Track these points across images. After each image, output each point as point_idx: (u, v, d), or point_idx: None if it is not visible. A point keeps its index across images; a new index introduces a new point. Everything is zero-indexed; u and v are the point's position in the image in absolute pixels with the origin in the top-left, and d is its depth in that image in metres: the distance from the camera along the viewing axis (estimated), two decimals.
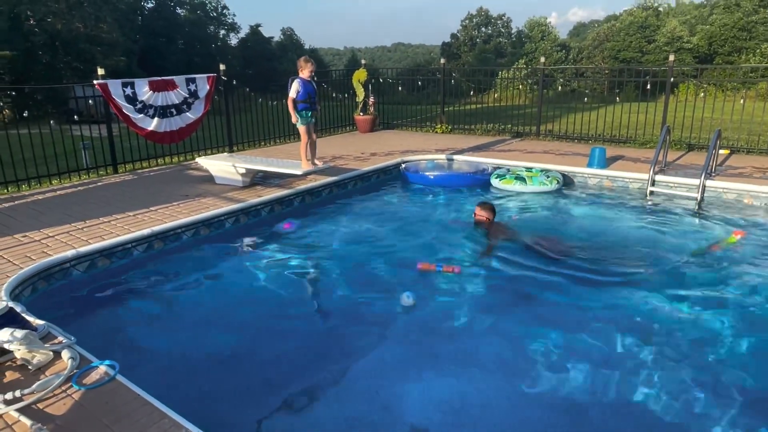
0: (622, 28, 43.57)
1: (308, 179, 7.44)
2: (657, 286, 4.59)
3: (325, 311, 4.51)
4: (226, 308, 4.55)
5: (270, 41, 45.23)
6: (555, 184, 7.48)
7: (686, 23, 45.08)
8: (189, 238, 5.79)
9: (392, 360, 3.68)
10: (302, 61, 7.01)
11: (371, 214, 6.80)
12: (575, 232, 6.12)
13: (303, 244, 5.83)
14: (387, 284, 4.83)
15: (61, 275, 4.80)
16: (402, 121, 13.03)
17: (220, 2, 44.60)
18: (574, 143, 10.33)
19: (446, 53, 46.23)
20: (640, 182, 7.45)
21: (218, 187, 7.19)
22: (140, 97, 8.18)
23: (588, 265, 5.02)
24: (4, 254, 4.91)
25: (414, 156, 8.97)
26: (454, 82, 13.56)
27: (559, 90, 17.81)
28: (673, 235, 5.92)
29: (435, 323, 4.14)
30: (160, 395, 2.85)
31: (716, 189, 7.01)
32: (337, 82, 13.08)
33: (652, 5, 47.09)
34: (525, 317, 4.24)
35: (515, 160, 8.52)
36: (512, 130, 11.53)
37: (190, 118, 8.89)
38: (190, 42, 39.00)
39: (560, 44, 51.42)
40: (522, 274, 4.88)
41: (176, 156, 9.32)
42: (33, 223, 5.81)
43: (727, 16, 39.03)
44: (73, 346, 3.29)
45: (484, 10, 56.31)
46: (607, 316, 4.14)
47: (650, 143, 9.70)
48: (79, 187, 7.47)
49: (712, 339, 3.82)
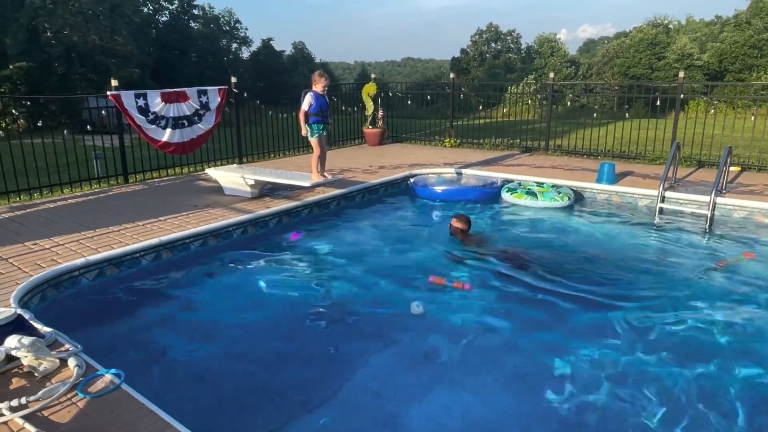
0: (631, 45, 43.65)
1: (316, 191, 7.47)
2: (664, 303, 4.54)
3: (331, 322, 4.49)
4: (233, 319, 4.55)
5: (281, 55, 45.72)
6: (566, 200, 7.45)
7: (696, 40, 45.10)
8: (197, 248, 5.82)
9: (398, 373, 3.65)
10: (317, 75, 7.08)
11: (378, 227, 6.80)
12: (581, 247, 6.08)
13: (310, 255, 5.85)
14: (393, 297, 4.81)
15: (70, 283, 4.83)
16: (411, 135, 13.08)
17: (233, 16, 45.33)
18: (583, 158, 10.31)
19: (456, 68, 46.43)
20: (649, 199, 7.40)
21: (227, 198, 7.23)
22: (152, 108, 8.28)
23: (591, 282, 4.99)
24: (14, 261, 4.95)
25: (422, 169, 8.98)
26: (464, 96, 13.60)
27: (568, 105, 17.82)
28: (682, 253, 5.87)
29: (441, 338, 4.10)
30: (165, 405, 2.85)
31: (727, 206, 6.94)
32: (346, 95, 13.18)
33: (662, 22, 47.19)
34: (527, 334, 4.19)
35: (524, 174, 8.51)
36: (521, 145, 11.53)
37: (201, 130, 8.97)
38: (202, 55, 39.52)
39: (570, 60, 51.58)
40: (525, 292, 4.83)
41: (186, 167, 9.40)
42: (43, 231, 5.86)
43: (737, 34, 39.00)
44: (80, 354, 3.30)
45: (494, 26, 56.68)
46: (612, 333, 4.09)
47: (660, 159, 9.66)
48: (90, 197, 7.54)
49: (715, 356, 3.76)
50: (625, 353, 3.78)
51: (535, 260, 5.48)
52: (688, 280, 5.12)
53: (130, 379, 3.08)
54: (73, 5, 22.44)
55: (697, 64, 39.38)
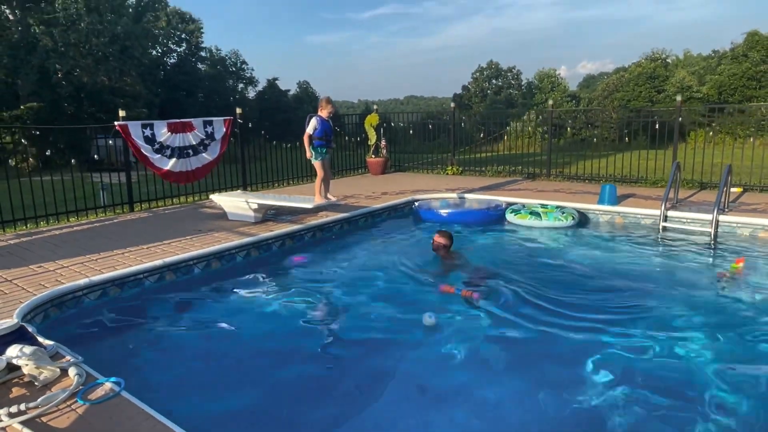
0: (631, 79, 44.28)
1: (319, 215, 7.52)
2: (669, 321, 4.48)
3: (333, 344, 4.45)
4: (234, 339, 4.53)
5: (286, 94, 46.59)
6: (570, 220, 7.46)
7: (695, 74, 45.79)
8: (200, 270, 5.84)
9: (401, 395, 3.59)
10: (324, 101, 7.25)
11: (381, 250, 6.81)
12: (585, 267, 6.05)
13: (313, 277, 5.83)
14: (397, 319, 4.76)
15: (73, 303, 4.84)
16: (413, 164, 13.22)
17: (239, 57, 46.41)
18: (584, 183, 10.36)
19: (458, 104, 46.99)
20: (652, 218, 7.40)
21: (231, 222, 7.29)
22: (158, 138, 8.44)
23: (596, 301, 4.96)
24: (18, 282, 4.98)
25: (425, 195, 9.05)
26: (465, 129, 13.78)
27: (569, 137, 18.00)
28: (687, 270, 5.83)
29: (443, 358, 4.04)
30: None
31: (730, 224, 6.93)
32: (350, 128, 13.41)
33: (660, 56, 48.03)
34: (530, 352, 4.13)
35: (527, 198, 8.54)
36: (523, 172, 11.62)
37: (206, 159, 9.12)
38: (209, 95, 40.34)
39: (570, 95, 52.28)
40: (528, 311, 4.78)
41: (191, 195, 9.51)
42: (48, 254, 5.91)
43: (735, 66, 39.58)
44: (80, 364, 3.29)
45: (494, 63, 57.79)
46: (616, 351, 4.03)
47: (661, 182, 9.70)
48: (96, 224, 7.61)
49: (723, 375, 3.69)
50: (630, 372, 3.69)
51: (537, 280, 5.45)
52: (692, 297, 5.06)
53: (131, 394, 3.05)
54: (84, 47, 23.10)
55: (696, 96, 39.83)
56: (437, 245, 6.17)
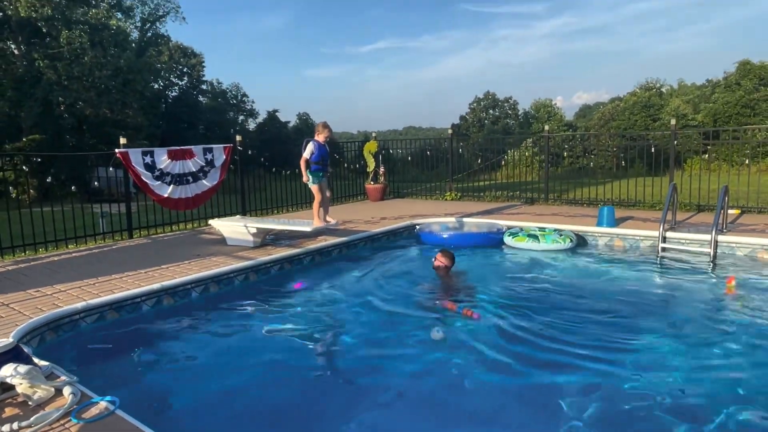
0: (626, 108, 44.86)
1: (318, 240, 7.52)
2: (671, 343, 4.44)
3: (331, 369, 4.40)
4: (231, 362, 4.47)
5: (286, 125, 47.09)
6: (568, 242, 7.46)
7: (689, 102, 46.43)
8: (198, 294, 5.81)
9: (398, 420, 3.53)
10: (320, 126, 7.33)
11: (380, 274, 6.77)
12: (584, 289, 6.04)
13: (313, 301, 5.80)
14: (396, 342, 4.72)
15: (70, 327, 4.81)
16: (412, 190, 13.29)
17: (240, 90, 47.11)
18: (583, 207, 10.40)
19: (456, 134, 47.50)
20: (650, 240, 7.40)
21: (229, 247, 7.28)
22: (159, 165, 8.50)
23: (595, 323, 4.94)
24: (15, 306, 4.95)
25: (424, 219, 9.07)
26: (464, 157, 13.90)
27: (566, 166, 18.11)
28: (688, 291, 5.81)
29: (445, 382, 3.98)
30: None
31: (729, 244, 6.93)
32: (349, 155, 13.53)
33: (654, 85, 48.76)
34: (529, 374, 4.08)
35: (525, 221, 8.56)
36: (521, 196, 11.67)
37: (206, 186, 9.16)
38: (210, 127, 40.78)
39: (567, 124, 52.85)
40: (527, 335, 4.74)
41: (191, 222, 9.52)
42: (46, 279, 5.89)
43: (729, 95, 40.16)
44: (75, 383, 3.24)
45: (491, 93, 58.62)
46: (617, 374, 3.98)
47: (659, 205, 9.73)
48: (94, 250, 7.60)
49: (726, 397, 3.64)
50: (631, 394, 3.63)
51: (533, 302, 5.44)
52: (693, 318, 5.03)
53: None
54: (87, 80, 23.45)
55: (692, 124, 40.29)
56: (439, 265, 6.18)
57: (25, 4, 21.88)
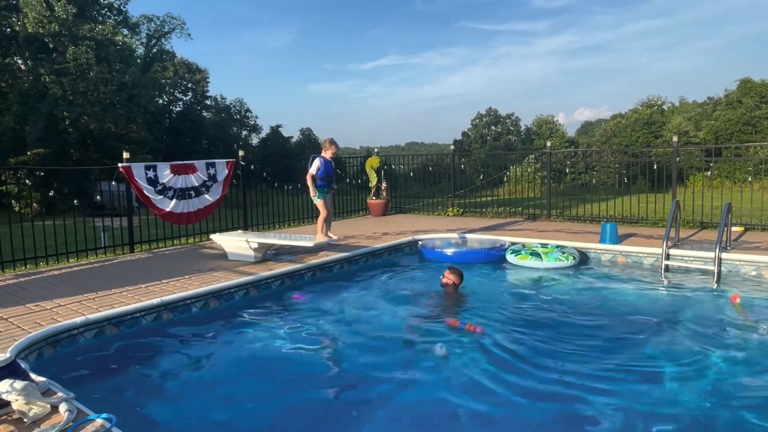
0: (628, 125, 45.02)
1: (319, 255, 7.49)
2: (679, 361, 4.39)
3: (333, 386, 4.35)
4: (231, 378, 4.43)
5: (289, 140, 47.34)
6: (571, 260, 7.42)
7: (691, 119, 46.53)
8: (198, 309, 5.77)
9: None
10: (327, 142, 7.33)
11: (381, 289, 6.73)
12: (587, 307, 5.98)
13: (312, 318, 5.73)
14: (397, 358, 4.67)
15: (69, 342, 4.77)
16: (414, 206, 13.28)
17: (243, 106, 47.46)
18: (585, 223, 10.36)
19: (458, 150, 47.60)
20: (654, 257, 7.36)
21: (231, 262, 7.26)
22: (161, 179, 8.51)
23: (600, 342, 4.88)
24: (14, 321, 4.92)
25: (426, 235, 9.04)
26: (466, 172, 13.92)
27: (569, 182, 18.10)
28: (692, 309, 5.74)
29: (446, 399, 3.93)
30: None
31: (733, 261, 6.88)
32: (351, 170, 13.57)
33: (656, 102, 48.95)
34: (532, 394, 4.03)
35: (527, 237, 8.53)
36: (523, 213, 11.65)
37: (208, 200, 9.16)
38: (213, 141, 41.01)
39: (569, 140, 52.99)
40: (529, 354, 4.69)
41: (192, 237, 9.51)
42: (46, 294, 5.86)
43: (730, 112, 40.29)
44: (71, 400, 3.20)
45: (493, 110, 58.95)
46: (623, 394, 3.93)
47: (662, 222, 9.69)
48: (95, 264, 7.59)
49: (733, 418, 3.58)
50: (636, 414, 3.57)
51: (538, 321, 5.39)
52: (699, 337, 4.96)
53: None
54: (92, 95, 23.64)
55: (694, 141, 40.36)
56: (447, 282, 6.16)
57: (33, 20, 22.16)
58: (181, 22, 37.12)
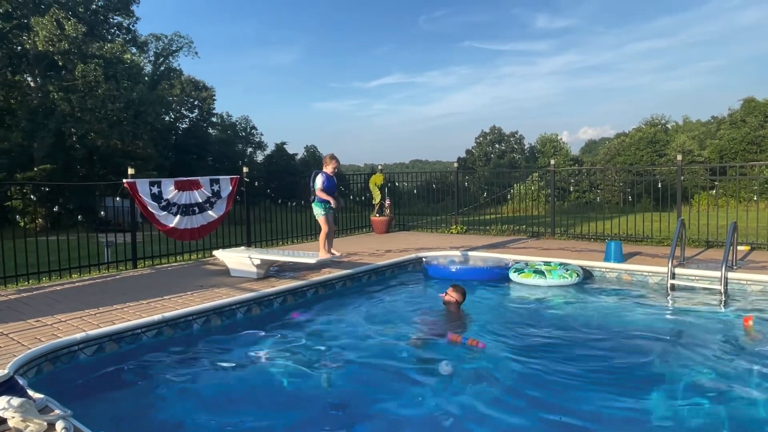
0: (632, 143, 45.09)
1: (322, 272, 7.46)
2: (684, 384, 4.31)
3: (335, 403, 4.29)
4: (231, 396, 4.37)
5: (294, 158, 47.58)
6: (575, 277, 7.36)
7: (695, 138, 46.58)
8: (199, 326, 5.74)
9: None
10: (328, 157, 7.38)
11: (384, 307, 6.69)
12: (592, 326, 5.90)
13: (315, 335, 5.69)
14: (401, 375, 4.62)
15: (68, 358, 4.74)
16: (417, 223, 13.26)
17: (249, 123, 47.83)
18: (589, 242, 10.31)
19: (462, 168, 47.74)
20: (659, 276, 7.29)
21: (233, 278, 7.24)
22: (165, 195, 8.54)
23: (604, 362, 4.81)
24: (14, 336, 4.90)
25: (429, 253, 9.00)
26: (470, 190, 13.91)
27: (573, 200, 18.07)
28: (700, 330, 5.67)
29: (448, 419, 3.86)
30: None
31: (740, 281, 6.81)
32: (355, 187, 13.59)
33: (659, 122, 49.04)
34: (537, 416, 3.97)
35: (531, 256, 8.48)
36: (527, 231, 11.61)
37: (212, 217, 9.17)
38: (218, 158, 41.28)
39: (572, 159, 53.07)
40: (537, 373, 4.63)
41: (195, 253, 9.51)
42: (47, 309, 5.85)
43: (734, 131, 40.33)
44: (69, 417, 3.17)
45: (497, 128, 59.20)
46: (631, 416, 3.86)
47: (667, 241, 9.63)
48: (98, 280, 7.58)
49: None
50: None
51: (544, 341, 5.33)
52: (709, 359, 4.88)
53: None
54: (100, 112, 23.88)
55: (698, 160, 40.32)
56: (450, 300, 6.13)
57: (44, 39, 22.48)
58: (188, 40, 37.62)
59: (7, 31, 23.28)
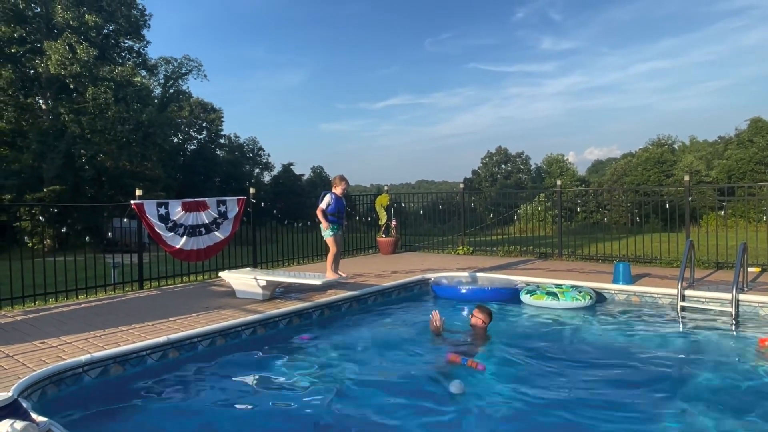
0: (639, 164, 45.06)
1: (328, 293, 7.43)
2: (704, 407, 4.22)
3: (341, 426, 4.23)
4: (237, 419, 4.33)
5: (300, 178, 47.89)
6: (588, 299, 7.27)
7: (702, 158, 46.47)
8: (205, 348, 5.70)
9: None
10: (337, 178, 7.39)
11: (392, 328, 6.63)
12: (605, 348, 5.83)
13: (320, 356, 5.64)
14: (407, 397, 4.55)
15: (73, 380, 4.70)
16: (424, 243, 13.23)
17: (256, 144, 48.28)
18: (597, 263, 10.23)
19: (468, 188, 47.89)
20: (669, 298, 7.20)
21: (239, 300, 7.22)
22: (172, 216, 8.57)
23: (618, 385, 4.73)
24: (19, 358, 4.89)
25: (436, 273, 8.95)
26: (476, 210, 13.90)
27: (580, 220, 17.99)
28: (712, 353, 5.57)
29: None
30: None
31: (751, 303, 6.71)
32: (361, 208, 13.62)
33: (666, 142, 49.03)
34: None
35: (540, 277, 8.41)
36: (534, 252, 11.54)
37: (218, 238, 9.19)
38: (226, 179, 41.64)
39: (579, 179, 53.02)
40: (546, 395, 4.57)
41: (201, 274, 9.50)
42: (53, 331, 5.84)
43: (742, 151, 40.26)
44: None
45: (503, 149, 59.37)
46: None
47: (676, 262, 9.53)
48: (104, 301, 7.58)
49: None
50: None
51: (554, 362, 5.26)
52: (723, 382, 4.79)
53: None
54: (109, 134, 24.20)
55: (706, 180, 40.20)
56: (476, 322, 6.04)
57: (56, 62, 22.92)
58: (198, 63, 38.25)
59: (21, 55, 23.75)
